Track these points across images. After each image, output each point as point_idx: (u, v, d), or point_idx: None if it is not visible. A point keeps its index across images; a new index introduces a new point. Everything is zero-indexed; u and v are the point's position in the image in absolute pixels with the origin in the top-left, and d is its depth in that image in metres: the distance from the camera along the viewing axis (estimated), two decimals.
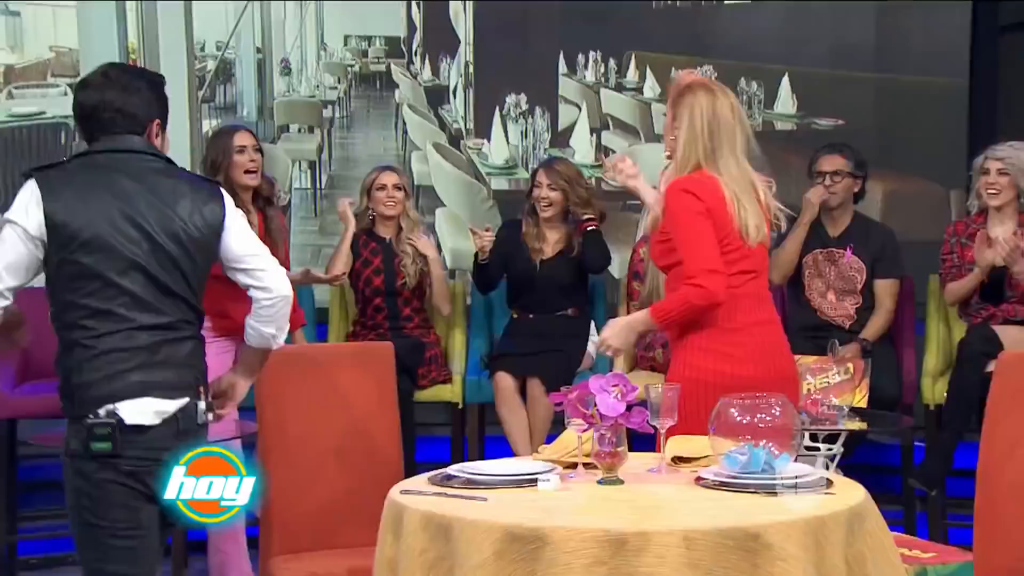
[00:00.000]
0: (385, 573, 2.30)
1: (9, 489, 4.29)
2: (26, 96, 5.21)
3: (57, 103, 5.19)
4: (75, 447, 2.36)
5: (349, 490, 3.06)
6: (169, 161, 2.50)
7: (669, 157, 2.95)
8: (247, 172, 3.89)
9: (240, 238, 2.49)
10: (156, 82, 2.52)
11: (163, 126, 2.50)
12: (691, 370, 2.77)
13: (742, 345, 2.79)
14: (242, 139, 3.92)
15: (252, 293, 2.52)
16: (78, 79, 2.73)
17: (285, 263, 4.20)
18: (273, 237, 4.00)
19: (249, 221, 3.86)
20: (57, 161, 2.45)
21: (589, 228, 4.42)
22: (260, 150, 3.97)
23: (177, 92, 5.31)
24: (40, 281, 2.45)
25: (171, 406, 2.38)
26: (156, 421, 2.36)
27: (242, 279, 2.52)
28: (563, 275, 4.48)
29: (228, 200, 2.49)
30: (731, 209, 2.80)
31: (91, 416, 2.33)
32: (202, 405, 2.43)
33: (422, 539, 2.21)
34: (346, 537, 2.99)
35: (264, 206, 4.00)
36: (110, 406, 2.32)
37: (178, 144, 5.31)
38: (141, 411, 2.34)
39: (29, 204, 2.36)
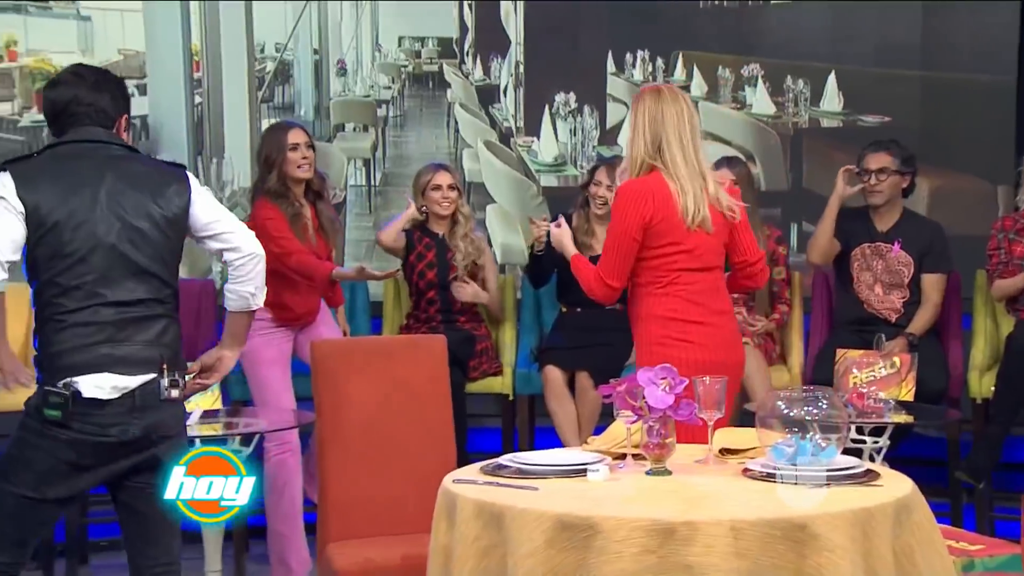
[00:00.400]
0: (440, 559, 2.31)
1: None
2: None
3: None
4: (31, 405, 2.46)
5: (404, 478, 3.08)
6: (133, 149, 2.60)
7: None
8: (299, 167, 3.96)
9: (205, 208, 2.56)
10: (120, 82, 2.66)
11: (130, 121, 2.62)
12: (654, 357, 2.89)
13: (700, 334, 3.05)
14: (295, 136, 3.99)
15: (225, 256, 2.59)
16: (145, 80, 2.82)
17: (339, 257, 4.26)
18: (325, 230, 4.07)
19: (302, 215, 4.02)
20: (27, 154, 2.54)
21: None
22: (312, 146, 4.03)
23: (238, 92, 5.40)
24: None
25: (132, 382, 2.43)
26: (114, 396, 2.42)
27: (211, 244, 2.58)
28: None
29: (193, 179, 2.58)
30: (675, 199, 3.02)
31: (53, 385, 2.41)
32: (165, 382, 2.46)
33: (475, 527, 2.22)
34: (401, 524, 3.01)
35: (315, 200, 4.06)
36: (70, 378, 2.39)
37: (238, 142, 5.38)
38: (99, 385, 2.40)
39: (7, 193, 2.43)
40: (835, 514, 2.10)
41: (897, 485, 2.30)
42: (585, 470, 2.40)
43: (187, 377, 2.53)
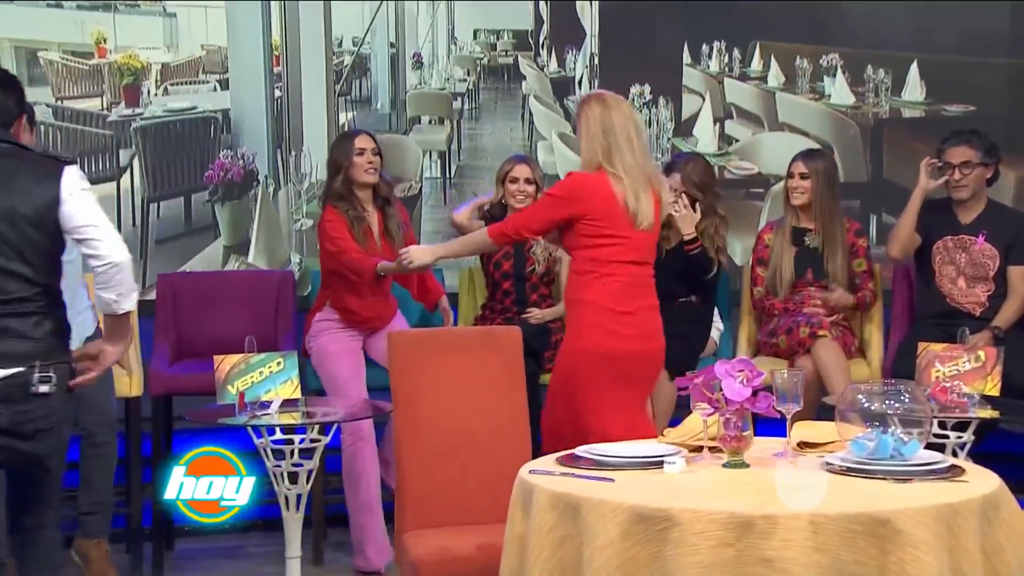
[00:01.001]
0: (515, 548, 2.31)
1: (166, 461, 4.47)
2: (180, 92, 5.40)
3: (208, 99, 5.36)
4: None
5: (479, 469, 3.09)
6: (22, 147, 2.62)
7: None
8: (365, 171, 4.09)
9: (78, 210, 2.56)
10: (20, 86, 2.72)
11: (31, 121, 2.71)
12: (581, 341, 3.29)
13: (628, 325, 3.30)
14: (362, 142, 4.11)
15: (88, 261, 2.60)
16: (227, 75, 2.86)
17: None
18: (392, 234, 4.15)
19: (364, 218, 4.07)
20: None
21: (691, 253, 4.33)
22: (379, 153, 4.14)
23: (316, 86, 5.46)
24: (191, 266, 2.54)
25: None
26: None
27: (80, 248, 2.60)
28: (687, 265, 4.40)
29: (70, 175, 2.57)
30: (621, 199, 3.29)
31: None
32: (36, 376, 2.49)
33: (551, 517, 2.22)
34: (476, 514, 3.02)
35: (383, 205, 4.17)
36: None
37: (316, 135, 5.44)
38: None
39: None
40: (919, 509, 2.06)
41: (983, 481, 2.24)
42: (661, 462, 2.38)
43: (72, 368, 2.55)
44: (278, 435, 3.23)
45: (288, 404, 3.36)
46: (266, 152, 5.42)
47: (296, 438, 3.24)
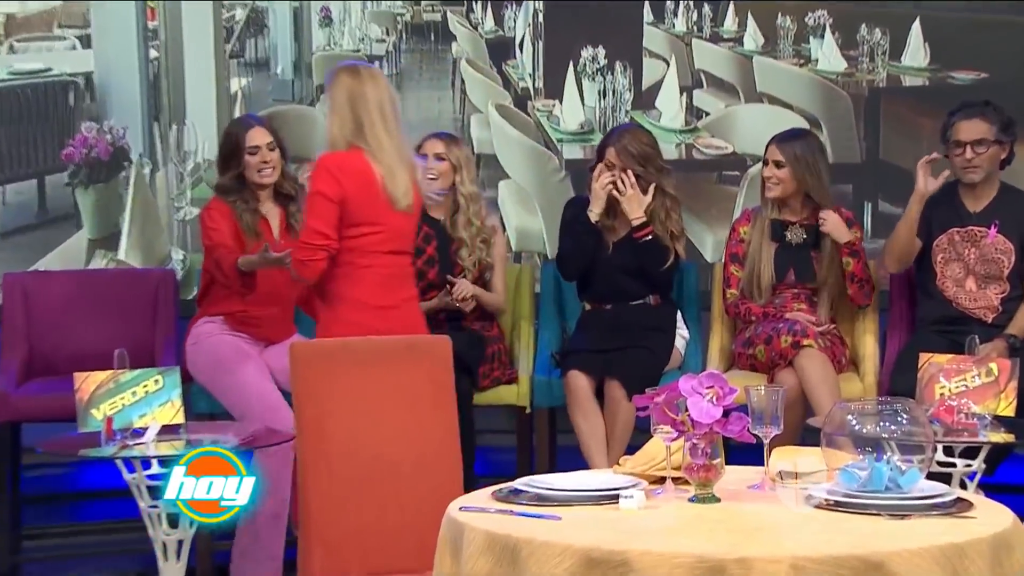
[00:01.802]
0: None
1: (13, 502, 4.40)
2: (29, 50, 5.33)
3: (65, 59, 5.29)
4: None
5: (401, 506, 3.09)
6: None
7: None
8: (260, 172, 4.16)
9: None
10: None
11: None
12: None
13: (386, 320, 3.50)
14: (254, 137, 4.17)
15: None
16: (88, 30, 2.84)
17: None
18: (296, 233, 4.14)
19: (259, 212, 4.13)
20: None
21: (643, 240, 4.39)
22: (278, 147, 4.21)
23: (201, 45, 5.42)
24: (47, 264, 2.52)
25: None
26: None
27: None
28: (639, 256, 4.45)
29: None
30: (379, 181, 3.50)
31: None
32: None
33: (485, 563, 2.22)
34: (398, 560, 3.01)
35: (287, 203, 4.24)
36: None
37: (203, 105, 5.41)
38: None
39: None
40: (918, 551, 2.10)
41: (994, 517, 2.29)
42: (617, 496, 2.40)
43: None
44: (155, 469, 3.21)
45: (168, 431, 3.34)
46: (140, 125, 5.38)
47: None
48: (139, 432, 3.29)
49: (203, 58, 5.42)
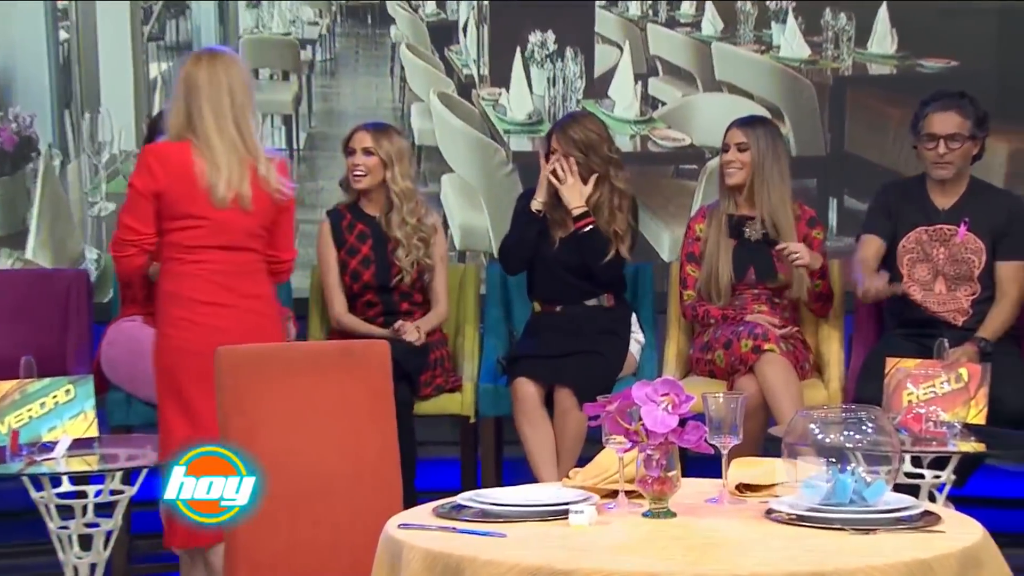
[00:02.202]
0: None
1: None
2: None
3: None
4: None
5: (335, 524, 3.08)
6: None
7: None
8: None
9: None
10: None
11: None
12: (174, 340, 3.57)
13: (223, 318, 3.56)
14: None
15: None
16: None
17: None
18: None
19: None
20: None
21: (583, 231, 4.43)
22: None
23: (117, 27, 5.38)
24: None
25: None
26: None
27: None
28: (581, 250, 4.47)
29: None
30: (199, 174, 3.54)
31: None
32: None
33: None
34: None
35: None
36: None
37: (118, 92, 5.37)
38: None
39: None
40: (884, 568, 2.12)
41: (963, 531, 2.32)
42: (566, 511, 2.41)
43: None
44: (66, 487, 3.18)
45: (80, 445, 3.31)
46: (49, 113, 5.33)
47: (90, 490, 3.19)
48: (48, 447, 3.26)
49: (119, 41, 5.38)
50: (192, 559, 3.64)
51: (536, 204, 4.49)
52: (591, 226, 4.44)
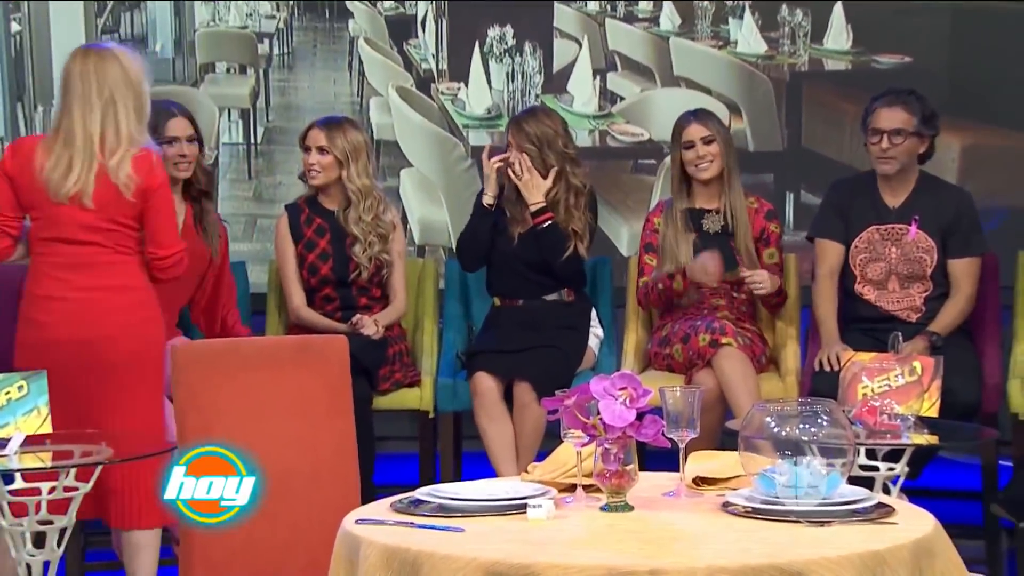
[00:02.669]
0: None
1: None
2: None
3: None
4: None
5: (292, 520, 3.07)
6: None
7: None
8: (176, 165, 4.16)
9: None
10: None
11: None
12: (19, 334, 3.64)
13: (49, 312, 3.61)
14: (174, 128, 4.20)
15: None
16: None
17: (223, 261, 4.36)
18: (207, 232, 4.25)
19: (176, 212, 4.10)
20: None
21: (541, 227, 4.44)
22: (196, 139, 4.25)
23: (69, 18, 5.33)
24: None
25: None
26: None
27: None
28: (540, 246, 4.47)
29: None
30: (38, 168, 3.57)
31: None
32: None
33: None
34: None
35: (200, 197, 4.28)
36: None
37: None
38: None
39: None
40: (838, 559, 2.14)
41: (916, 523, 2.34)
42: (524, 506, 2.41)
43: None
44: (19, 484, 3.16)
45: (33, 442, 3.28)
46: (1, 107, 5.27)
47: (44, 486, 3.17)
48: (1, 444, 3.22)
49: (72, 33, 5.33)
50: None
51: (487, 199, 4.49)
52: (549, 222, 4.44)
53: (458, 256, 4.64)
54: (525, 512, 2.40)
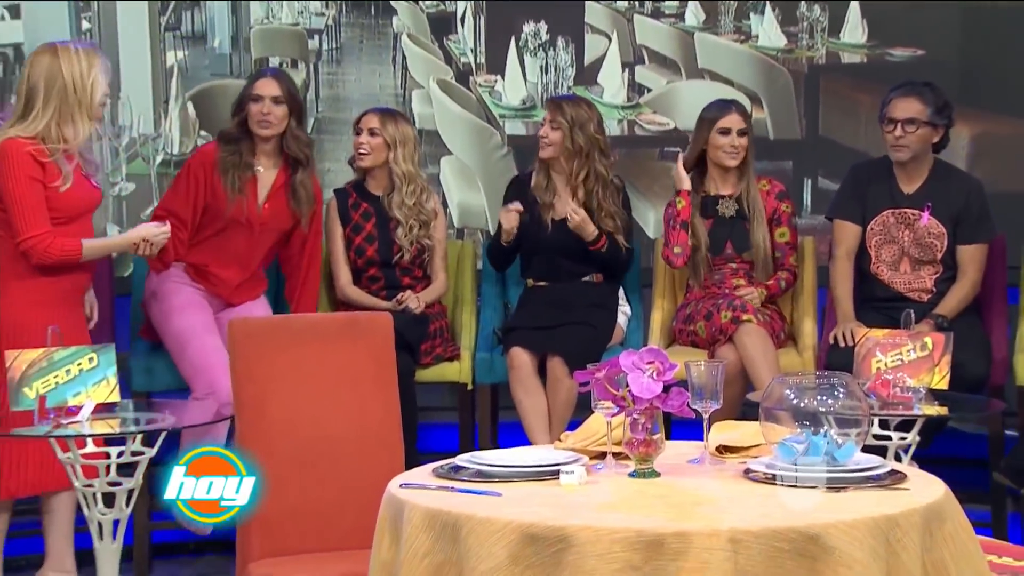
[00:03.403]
0: None
1: None
2: None
3: None
4: None
5: (341, 484, 3.08)
6: None
7: None
8: (259, 122, 4.19)
9: None
10: None
11: None
12: None
13: (42, 291, 3.68)
14: (262, 87, 4.21)
15: None
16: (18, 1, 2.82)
17: (315, 238, 4.37)
18: (298, 202, 4.24)
19: (252, 170, 4.16)
20: None
21: (600, 252, 4.44)
22: (283, 101, 4.21)
23: (136, 18, 5.34)
24: None
25: None
26: None
27: None
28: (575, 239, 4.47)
29: None
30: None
31: None
32: None
33: (425, 541, 2.23)
34: (337, 538, 3.02)
35: (293, 164, 4.25)
36: None
37: (137, 78, 5.33)
38: None
39: None
40: (853, 523, 2.13)
41: (927, 489, 2.33)
42: (557, 472, 2.41)
43: None
44: (91, 447, 3.19)
45: (103, 409, 3.31)
46: None
47: (113, 451, 3.20)
48: (73, 411, 3.25)
49: (137, 30, 5.34)
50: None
51: (504, 239, 4.50)
52: (605, 246, 4.44)
53: (490, 261, 4.66)
54: (558, 478, 2.40)
